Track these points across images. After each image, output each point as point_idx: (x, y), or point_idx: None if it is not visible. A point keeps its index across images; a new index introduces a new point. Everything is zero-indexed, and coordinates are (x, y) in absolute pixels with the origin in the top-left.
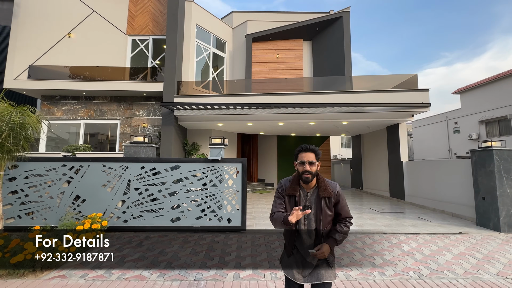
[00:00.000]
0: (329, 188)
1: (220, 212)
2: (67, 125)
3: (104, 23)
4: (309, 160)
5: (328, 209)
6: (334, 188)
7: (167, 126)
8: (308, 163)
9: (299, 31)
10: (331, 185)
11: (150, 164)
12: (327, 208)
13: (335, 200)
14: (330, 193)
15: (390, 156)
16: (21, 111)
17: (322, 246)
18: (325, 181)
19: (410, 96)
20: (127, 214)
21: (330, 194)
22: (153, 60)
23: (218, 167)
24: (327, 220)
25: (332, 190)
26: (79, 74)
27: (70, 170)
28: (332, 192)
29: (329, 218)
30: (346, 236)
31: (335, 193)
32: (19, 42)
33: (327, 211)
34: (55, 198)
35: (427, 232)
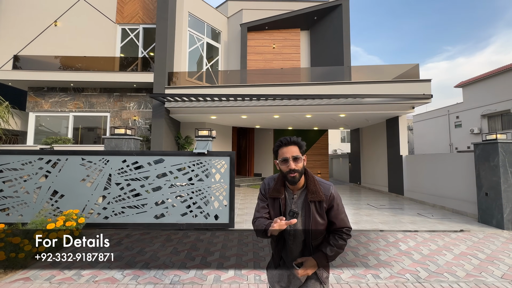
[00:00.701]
0: (320, 190)
1: (207, 208)
2: (57, 118)
3: (92, 11)
4: (293, 155)
5: (319, 216)
6: (326, 190)
7: (158, 119)
8: (292, 159)
9: (296, 20)
10: (323, 186)
11: (132, 158)
12: (318, 214)
13: (327, 205)
14: (320, 196)
15: (389, 150)
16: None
17: (306, 260)
18: (316, 181)
19: (411, 87)
20: (108, 210)
21: (320, 197)
22: (144, 50)
23: (204, 160)
24: (319, 230)
25: (324, 193)
26: (66, 64)
27: (47, 164)
28: (323, 195)
29: (321, 227)
30: (341, 251)
31: (327, 196)
32: (3, 31)
33: (317, 218)
34: (31, 194)
35: (426, 230)
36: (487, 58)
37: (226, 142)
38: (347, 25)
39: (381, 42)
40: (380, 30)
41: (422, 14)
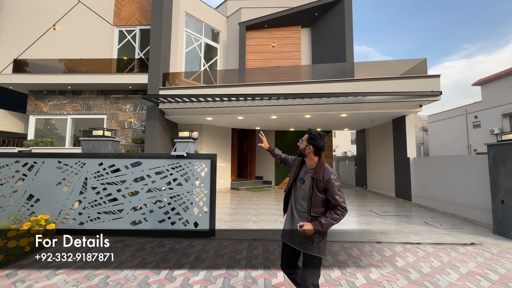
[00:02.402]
0: (321, 173)
1: (186, 215)
2: (57, 120)
3: (90, 14)
4: (305, 138)
5: (317, 190)
6: (327, 175)
7: (152, 121)
8: (305, 140)
9: (297, 17)
10: (326, 172)
11: (108, 161)
12: (316, 188)
13: (324, 185)
14: (319, 176)
15: (396, 152)
16: None
17: (306, 224)
18: (323, 166)
19: (418, 84)
20: (83, 215)
21: (318, 177)
22: (141, 51)
23: (184, 163)
24: (318, 200)
25: (324, 176)
26: (64, 67)
27: (23, 167)
28: (321, 176)
29: (319, 199)
30: (334, 223)
31: (325, 179)
32: (4, 36)
33: (315, 190)
34: (7, 198)
35: (430, 242)
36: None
37: (225, 144)
38: (349, 20)
39: (394, 41)
40: (393, 29)
41: (437, 11)
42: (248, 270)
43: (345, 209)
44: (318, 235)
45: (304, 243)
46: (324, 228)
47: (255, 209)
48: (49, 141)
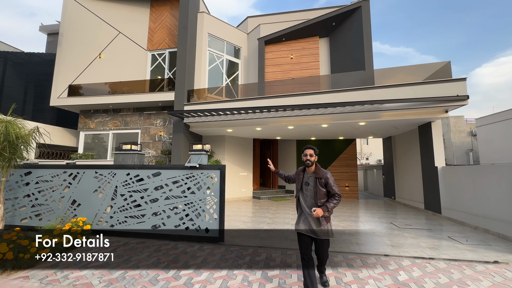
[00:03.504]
0: (321, 173)
1: (198, 221)
2: (101, 135)
3: (128, 42)
4: (309, 153)
5: (320, 186)
6: (325, 173)
7: (178, 134)
8: (309, 155)
9: (314, 29)
10: (323, 171)
11: (134, 171)
12: (320, 185)
13: (324, 181)
14: (320, 175)
15: (423, 160)
16: (6, 123)
17: (317, 209)
18: (320, 169)
19: (441, 89)
20: (113, 219)
21: (320, 176)
22: (169, 71)
23: (196, 174)
24: (321, 194)
25: (323, 175)
26: (107, 89)
27: (69, 177)
28: (321, 175)
29: (322, 193)
30: (335, 206)
31: (324, 177)
32: (62, 66)
33: (320, 187)
34: (57, 202)
35: (446, 258)
36: None
37: (247, 154)
38: (367, 27)
39: (437, 39)
40: (434, 26)
41: (484, 3)
42: (247, 274)
43: (340, 195)
44: (324, 222)
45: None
46: (329, 210)
47: (270, 218)
48: (90, 154)
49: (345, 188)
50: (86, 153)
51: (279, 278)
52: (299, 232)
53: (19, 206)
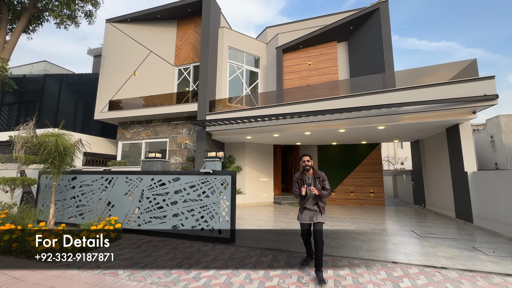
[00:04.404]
0: (319, 173)
1: (212, 222)
2: (136, 144)
3: (158, 59)
4: (307, 159)
5: (318, 183)
6: (320, 173)
7: (200, 142)
8: (306, 160)
9: (331, 34)
10: (319, 172)
11: (158, 176)
12: (318, 183)
13: (321, 179)
14: (319, 175)
15: (452, 165)
16: (56, 136)
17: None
18: (317, 171)
19: (467, 88)
20: (140, 219)
21: (319, 175)
22: (194, 84)
23: (210, 179)
24: (319, 188)
25: (320, 174)
26: (140, 103)
27: (106, 181)
28: (320, 175)
29: (319, 187)
30: (327, 195)
31: (321, 176)
32: (103, 84)
33: (318, 184)
34: (96, 203)
35: (460, 268)
36: None
37: (267, 160)
38: (387, 29)
39: (485, 29)
40: (478, 17)
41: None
42: (250, 272)
43: (331, 190)
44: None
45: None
46: (320, 193)
47: (285, 222)
48: (123, 162)
49: (370, 195)
50: (119, 161)
51: (279, 277)
52: (302, 223)
53: (67, 206)
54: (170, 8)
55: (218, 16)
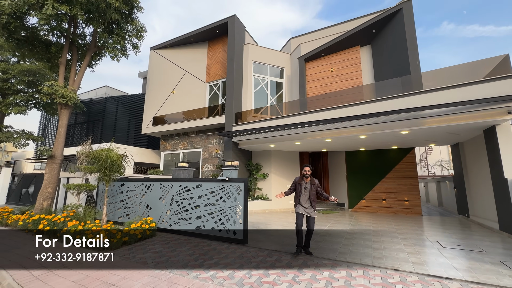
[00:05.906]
0: (314, 180)
1: (228, 225)
2: (175, 154)
3: (192, 78)
4: (308, 169)
5: (314, 189)
6: (315, 181)
7: (228, 151)
8: (307, 170)
9: (353, 39)
10: (315, 179)
11: (184, 183)
12: (313, 188)
13: (316, 185)
14: (315, 182)
15: (492, 171)
16: (107, 151)
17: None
18: (313, 179)
19: (497, 87)
20: (171, 220)
21: (314, 183)
22: (222, 98)
23: (226, 185)
24: (313, 193)
25: (315, 182)
26: (179, 117)
27: (145, 187)
28: (315, 182)
29: (313, 192)
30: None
31: (315, 183)
32: (148, 103)
33: (313, 189)
34: (137, 206)
35: (468, 280)
36: None
37: (293, 167)
38: (411, 29)
39: None
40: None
41: None
42: (252, 269)
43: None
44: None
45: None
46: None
47: None
48: (160, 171)
49: (404, 203)
50: (156, 170)
51: (276, 275)
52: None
53: (117, 207)
54: (201, 32)
55: (243, 34)
